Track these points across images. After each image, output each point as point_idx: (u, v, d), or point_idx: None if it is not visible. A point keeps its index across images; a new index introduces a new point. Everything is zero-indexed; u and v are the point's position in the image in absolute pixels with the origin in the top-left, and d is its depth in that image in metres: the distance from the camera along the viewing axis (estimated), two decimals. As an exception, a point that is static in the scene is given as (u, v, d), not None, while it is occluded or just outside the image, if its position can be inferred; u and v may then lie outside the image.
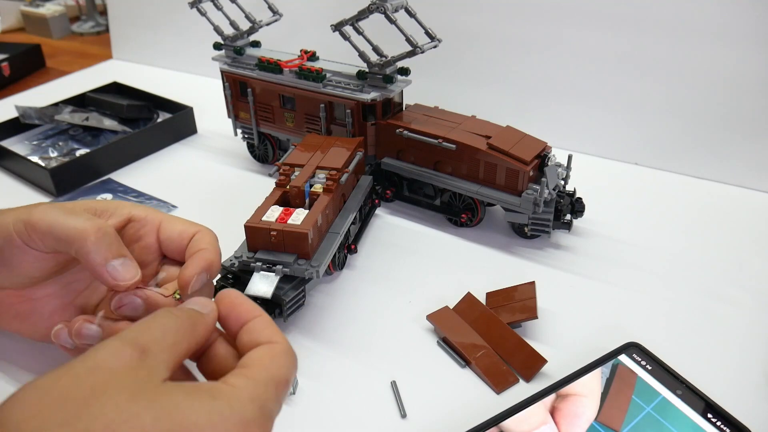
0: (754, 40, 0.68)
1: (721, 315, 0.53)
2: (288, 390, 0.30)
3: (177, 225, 0.41)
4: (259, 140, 0.78)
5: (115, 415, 0.23)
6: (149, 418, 0.24)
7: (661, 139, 0.77)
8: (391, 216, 0.69)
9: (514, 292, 0.53)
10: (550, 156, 0.61)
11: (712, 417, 0.42)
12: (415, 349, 0.50)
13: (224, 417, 0.26)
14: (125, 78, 1.00)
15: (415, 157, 0.66)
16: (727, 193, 0.73)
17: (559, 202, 0.61)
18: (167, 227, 0.40)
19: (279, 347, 0.31)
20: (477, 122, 0.65)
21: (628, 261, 0.60)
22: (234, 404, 0.26)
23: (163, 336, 0.28)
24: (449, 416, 0.44)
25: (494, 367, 0.47)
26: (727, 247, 0.62)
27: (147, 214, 0.41)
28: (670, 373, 0.45)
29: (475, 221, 0.65)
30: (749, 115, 0.71)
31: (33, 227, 0.35)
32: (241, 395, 0.27)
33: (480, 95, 0.85)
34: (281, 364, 0.30)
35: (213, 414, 0.25)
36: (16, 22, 1.43)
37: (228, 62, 0.74)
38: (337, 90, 0.66)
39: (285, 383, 0.29)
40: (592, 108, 0.80)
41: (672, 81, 0.74)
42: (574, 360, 0.46)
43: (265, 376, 0.29)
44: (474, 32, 0.83)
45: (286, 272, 0.50)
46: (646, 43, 0.74)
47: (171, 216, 0.42)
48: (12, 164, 0.77)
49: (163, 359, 0.27)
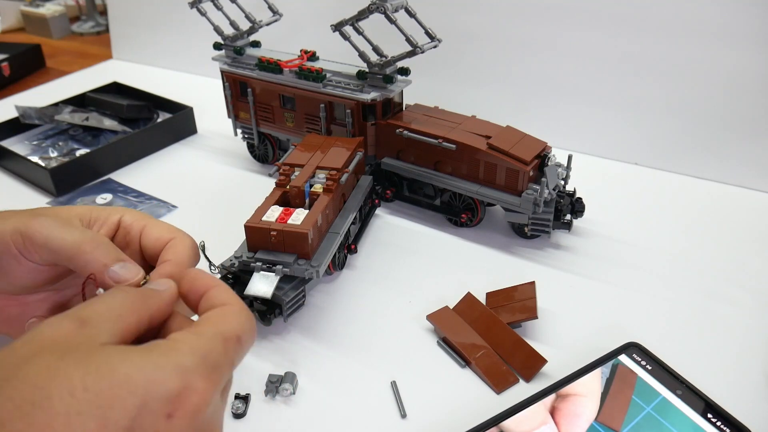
0: (754, 40, 0.68)
1: (721, 315, 0.53)
2: (242, 349, 0.29)
3: (155, 231, 0.40)
4: (259, 140, 0.78)
5: (44, 374, 0.23)
6: (78, 374, 0.23)
7: (661, 139, 0.77)
8: (391, 216, 0.69)
9: (514, 292, 0.53)
10: (550, 156, 0.61)
11: (712, 417, 0.42)
12: (415, 349, 0.50)
13: (158, 365, 0.25)
14: (125, 78, 1.00)
15: (415, 157, 0.66)
16: (727, 193, 0.73)
17: (559, 202, 0.61)
18: (147, 233, 0.40)
19: (231, 307, 0.30)
20: (477, 122, 0.65)
21: (628, 261, 0.60)
22: (170, 354, 0.26)
23: (106, 309, 0.28)
24: (449, 416, 0.44)
25: (494, 367, 0.47)
26: (727, 247, 0.62)
27: (134, 220, 0.40)
28: (670, 373, 0.45)
29: (475, 221, 0.65)
30: (749, 115, 0.71)
31: (30, 239, 0.35)
32: (181, 347, 0.26)
33: (480, 95, 0.85)
34: (231, 320, 0.29)
35: (146, 364, 0.25)
36: (16, 22, 1.43)
37: (228, 62, 0.74)
38: (337, 90, 0.66)
39: (235, 339, 0.29)
40: (592, 108, 0.80)
41: (672, 81, 0.74)
42: (574, 360, 0.46)
43: (211, 331, 0.28)
44: (474, 32, 0.83)
45: (286, 272, 0.50)
46: (646, 43, 0.74)
47: (155, 221, 0.41)
48: (12, 164, 0.77)
49: (106, 328, 0.27)
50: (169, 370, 0.25)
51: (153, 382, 0.24)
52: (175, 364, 0.25)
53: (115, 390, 0.23)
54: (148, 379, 0.24)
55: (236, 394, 0.45)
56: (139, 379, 0.24)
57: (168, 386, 0.25)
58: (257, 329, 0.51)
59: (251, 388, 0.46)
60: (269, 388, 0.46)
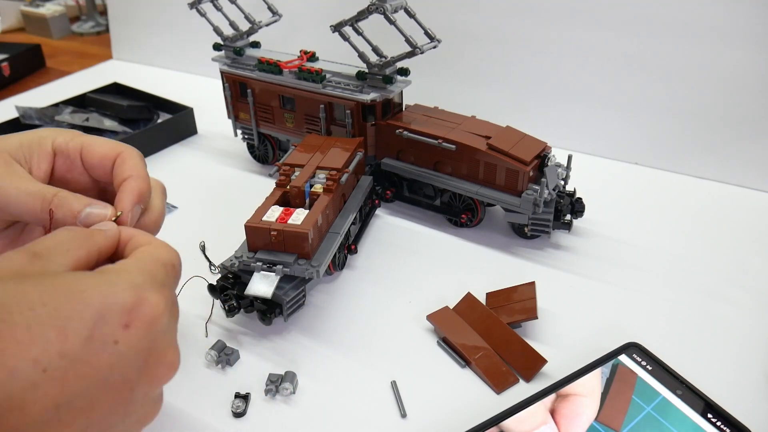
0: (754, 40, 0.68)
1: (721, 315, 0.53)
2: (177, 275, 0.32)
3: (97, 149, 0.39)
4: (259, 141, 0.78)
5: (3, 294, 0.24)
6: (36, 291, 0.25)
7: (661, 139, 0.77)
8: (391, 216, 0.69)
9: (514, 292, 0.53)
10: (550, 156, 0.61)
11: (712, 417, 0.42)
12: (415, 349, 0.50)
13: (112, 282, 0.27)
14: (125, 78, 1.00)
15: (414, 158, 0.66)
16: (727, 193, 0.73)
17: (559, 202, 0.61)
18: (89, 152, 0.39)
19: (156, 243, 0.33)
20: (477, 122, 0.65)
21: (628, 261, 0.60)
22: (122, 274, 0.28)
23: (56, 243, 0.29)
24: (449, 416, 0.44)
25: (494, 368, 0.47)
26: (727, 247, 0.62)
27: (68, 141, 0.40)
28: (670, 373, 0.45)
29: (475, 221, 0.65)
30: (749, 115, 0.71)
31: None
32: (129, 268, 0.29)
33: (480, 95, 0.85)
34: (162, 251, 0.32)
35: (101, 282, 0.27)
36: (16, 22, 1.43)
37: (228, 63, 0.75)
38: (337, 90, 0.66)
39: (171, 265, 0.31)
40: (592, 108, 0.80)
41: (672, 81, 0.74)
42: (574, 360, 0.46)
43: (151, 257, 0.31)
44: (474, 32, 0.83)
45: (287, 272, 0.50)
46: (646, 43, 0.74)
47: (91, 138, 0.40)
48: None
49: (57, 260, 0.28)
50: (122, 286, 0.27)
51: (108, 296, 0.26)
52: (127, 281, 0.28)
53: (72, 303, 0.25)
54: (103, 294, 0.26)
55: (236, 393, 0.45)
56: (95, 294, 0.26)
57: (123, 298, 0.27)
58: (259, 328, 0.52)
59: (251, 388, 0.46)
60: (269, 387, 0.46)
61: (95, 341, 0.25)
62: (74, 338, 0.25)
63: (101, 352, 0.26)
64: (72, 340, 0.25)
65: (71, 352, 0.25)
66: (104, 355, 0.26)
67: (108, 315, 0.26)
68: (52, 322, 0.25)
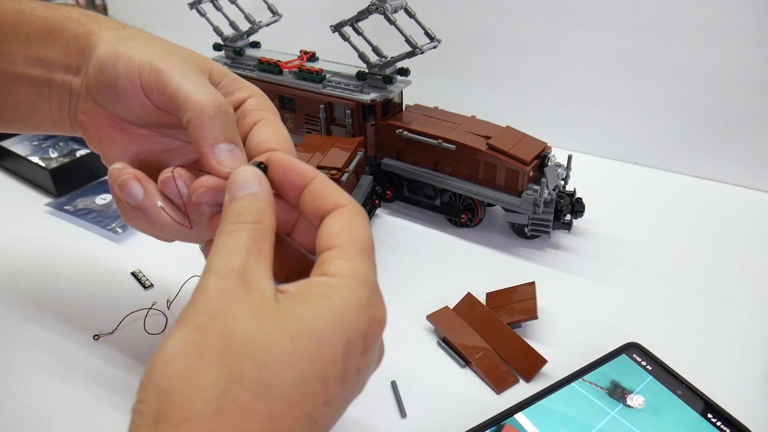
0: (754, 39, 0.68)
1: (721, 315, 0.53)
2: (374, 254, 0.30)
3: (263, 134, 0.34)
4: (259, 141, 0.78)
5: (257, 352, 0.24)
6: (285, 343, 0.24)
7: (661, 139, 0.77)
8: (391, 216, 0.69)
9: (513, 292, 0.53)
10: (550, 156, 0.61)
11: (712, 417, 0.42)
12: (415, 349, 0.50)
13: (345, 312, 0.26)
14: (125, 78, 1.00)
15: (415, 158, 0.66)
16: (727, 193, 0.73)
17: (559, 203, 0.61)
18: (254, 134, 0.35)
19: (349, 210, 0.29)
20: (477, 122, 0.65)
21: (628, 261, 0.60)
22: (347, 295, 0.26)
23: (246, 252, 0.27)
24: (449, 416, 0.44)
25: (494, 367, 0.47)
26: (727, 247, 0.62)
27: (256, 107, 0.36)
28: (670, 373, 0.45)
29: (475, 221, 0.65)
30: (749, 115, 0.71)
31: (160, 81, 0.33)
32: (349, 283, 0.27)
33: (480, 95, 0.85)
34: (360, 228, 0.29)
35: (336, 315, 0.26)
36: (16, 22, 1.43)
37: (228, 63, 0.75)
38: (337, 91, 0.66)
39: (371, 245, 0.29)
40: (592, 108, 0.80)
41: (672, 81, 0.74)
42: (574, 360, 0.46)
43: (355, 250, 0.28)
44: (473, 32, 0.83)
45: (286, 272, 0.50)
46: (646, 43, 0.74)
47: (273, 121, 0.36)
48: (12, 164, 0.77)
49: (263, 278, 0.27)
50: (353, 311, 0.26)
51: (348, 329, 0.26)
52: (354, 302, 0.26)
53: (322, 349, 0.25)
54: (343, 329, 0.25)
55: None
56: (337, 332, 0.25)
57: (358, 327, 0.26)
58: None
59: (251, 389, 0.46)
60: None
61: (346, 377, 0.26)
62: (333, 383, 0.25)
63: (350, 385, 0.27)
64: (331, 385, 0.25)
65: (332, 396, 0.25)
66: (351, 387, 0.27)
67: (351, 349, 0.26)
68: (314, 375, 0.25)
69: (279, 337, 0.24)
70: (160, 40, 0.37)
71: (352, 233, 0.29)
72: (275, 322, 0.25)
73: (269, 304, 0.26)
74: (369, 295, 0.27)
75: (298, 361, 0.24)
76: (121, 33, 0.38)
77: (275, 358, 0.24)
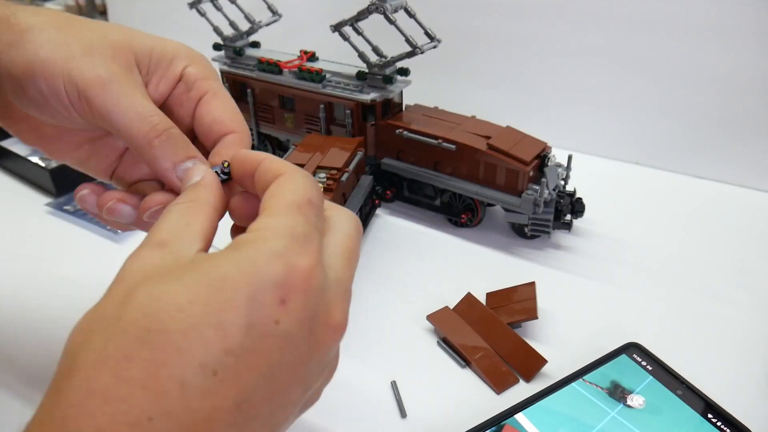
0: (754, 39, 0.68)
1: (720, 315, 0.53)
2: (317, 209, 0.28)
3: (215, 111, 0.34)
4: (259, 141, 0.78)
5: (147, 301, 0.23)
6: (179, 290, 0.24)
7: (661, 139, 0.77)
8: (391, 216, 0.69)
9: (514, 292, 0.53)
10: (550, 156, 0.61)
11: (712, 417, 0.42)
12: (415, 349, 0.50)
13: (252, 259, 0.24)
14: (125, 78, 1.00)
15: (415, 158, 0.66)
16: (727, 193, 0.73)
17: (559, 203, 0.61)
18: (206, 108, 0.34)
19: (287, 175, 0.29)
20: (477, 122, 0.65)
21: (628, 261, 0.60)
22: (258, 244, 0.25)
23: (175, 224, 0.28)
24: (449, 416, 0.44)
25: (494, 368, 0.47)
26: (727, 247, 0.62)
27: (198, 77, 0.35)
28: (671, 373, 0.45)
29: (475, 222, 0.65)
30: (749, 115, 0.71)
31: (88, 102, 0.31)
32: (264, 234, 0.26)
33: (480, 95, 0.85)
34: (293, 186, 0.28)
35: (240, 261, 0.24)
36: (16, 22, 1.43)
37: (228, 63, 0.75)
38: (337, 90, 0.66)
39: (307, 203, 0.27)
40: (592, 108, 0.80)
41: (672, 81, 0.74)
42: (574, 360, 0.46)
43: (282, 205, 0.27)
44: (474, 32, 0.83)
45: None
46: (646, 43, 0.74)
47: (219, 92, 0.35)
48: (12, 164, 0.77)
49: (186, 244, 0.27)
50: (264, 259, 0.24)
51: (254, 275, 0.24)
52: (267, 252, 0.25)
53: (218, 294, 0.23)
54: (247, 274, 0.24)
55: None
56: (239, 277, 0.24)
57: (270, 274, 0.24)
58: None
59: (251, 389, 0.46)
60: (270, 388, 0.46)
61: (256, 327, 0.23)
62: (234, 330, 0.23)
63: (266, 337, 0.24)
64: (232, 333, 0.23)
65: (235, 346, 0.23)
66: (270, 339, 0.24)
67: (260, 296, 0.24)
68: (206, 320, 0.23)
69: (174, 286, 0.24)
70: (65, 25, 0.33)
71: (282, 193, 0.28)
72: (176, 275, 0.24)
73: (180, 263, 0.25)
74: (287, 244, 0.25)
75: (187, 305, 0.23)
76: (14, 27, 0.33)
77: (163, 304, 0.23)
